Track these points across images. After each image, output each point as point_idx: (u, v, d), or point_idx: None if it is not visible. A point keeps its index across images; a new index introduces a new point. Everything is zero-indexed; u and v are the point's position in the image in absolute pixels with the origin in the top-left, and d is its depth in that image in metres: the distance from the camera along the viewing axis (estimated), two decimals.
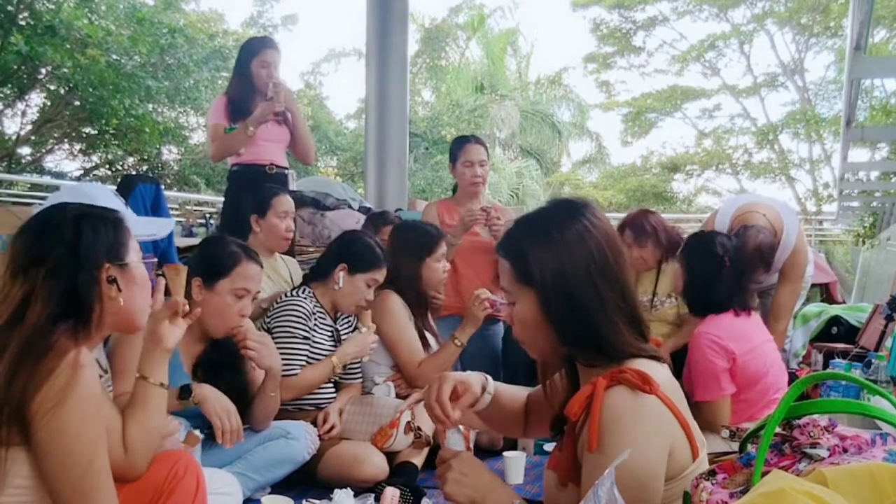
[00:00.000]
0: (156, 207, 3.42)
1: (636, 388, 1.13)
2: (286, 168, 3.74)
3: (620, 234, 3.40)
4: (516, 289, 1.28)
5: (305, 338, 2.67)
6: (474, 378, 1.47)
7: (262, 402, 2.32)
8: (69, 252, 1.36)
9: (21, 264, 1.35)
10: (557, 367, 1.38)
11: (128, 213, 1.84)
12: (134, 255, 1.46)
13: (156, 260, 1.58)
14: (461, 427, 1.42)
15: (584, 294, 1.21)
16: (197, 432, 1.99)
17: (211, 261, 2.26)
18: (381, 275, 2.79)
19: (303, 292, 2.76)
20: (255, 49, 3.64)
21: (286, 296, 2.76)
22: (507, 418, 1.55)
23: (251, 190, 3.36)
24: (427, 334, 2.99)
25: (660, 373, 1.20)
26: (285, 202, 3.15)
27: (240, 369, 2.33)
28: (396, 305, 2.89)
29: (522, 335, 1.32)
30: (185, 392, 2.05)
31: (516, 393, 1.57)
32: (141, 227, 1.78)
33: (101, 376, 1.85)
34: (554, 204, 1.33)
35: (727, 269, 2.54)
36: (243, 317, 2.26)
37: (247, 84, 3.61)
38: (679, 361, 2.67)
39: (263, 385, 2.31)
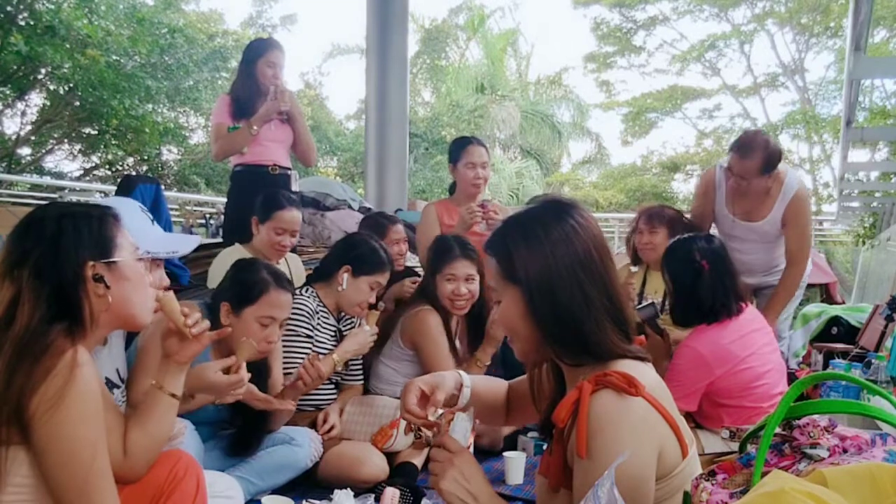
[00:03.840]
0: (156, 208, 3.41)
1: (622, 392, 1.12)
2: (289, 168, 3.74)
3: (635, 223, 3.38)
4: (502, 286, 1.29)
5: (308, 336, 2.68)
6: (448, 376, 1.48)
7: (285, 412, 2.34)
8: (50, 251, 1.35)
9: (8, 266, 1.34)
10: (544, 368, 1.38)
11: (151, 230, 1.82)
12: (125, 252, 1.43)
13: (149, 255, 1.56)
14: (471, 416, 1.41)
15: (569, 293, 1.21)
16: (185, 421, 1.98)
17: (240, 287, 2.25)
18: (384, 278, 2.79)
19: (306, 291, 2.76)
20: (261, 49, 3.64)
21: None
22: (488, 409, 1.57)
23: (256, 190, 3.34)
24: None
25: (646, 374, 1.20)
26: (287, 219, 3.02)
27: (264, 383, 2.35)
28: (434, 323, 2.82)
29: (508, 333, 1.32)
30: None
31: (495, 385, 1.58)
32: (161, 245, 1.76)
33: (118, 387, 1.84)
34: (541, 203, 1.33)
35: (707, 273, 2.48)
36: (270, 343, 2.25)
37: (252, 84, 3.62)
38: None
39: (285, 391, 2.36)
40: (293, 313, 2.63)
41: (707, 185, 3.37)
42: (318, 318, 2.74)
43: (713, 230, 3.43)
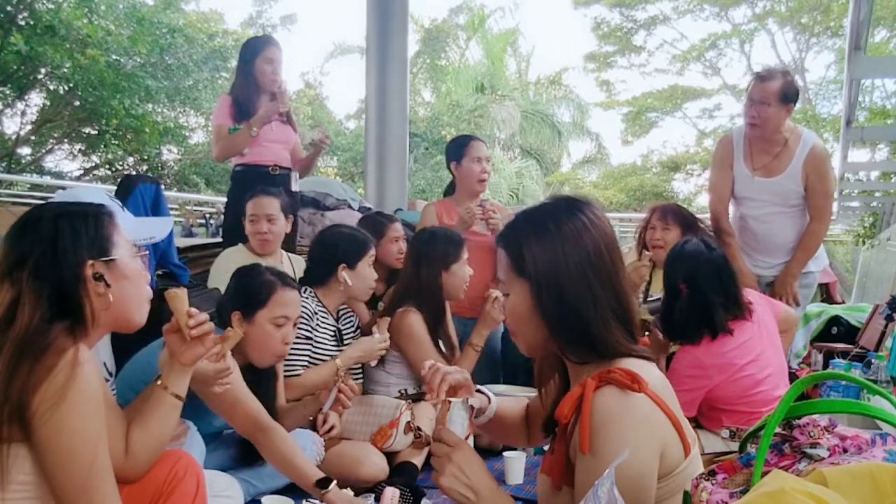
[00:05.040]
0: (156, 207, 3.41)
1: (625, 388, 1.13)
2: (289, 168, 3.74)
3: (647, 219, 3.36)
4: (511, 279, 1.29)
5: (307, 338, 2.68)
6: (482, 398, 1.52)
7: (295, 420, 2.36)
8: (49, 252, 1.35)
9: (6, 267, 1.35)
10: (551, 367, 1.38)
11: (124, 216, 1.81)
12: (123, 250, 1.44)
13: (147, 252, 1.57)
14: (469, 402, 1.41)
15: (576, 289, 1.22)
16: (188, 423, 1.99)
17: (247, 293, 2.24)
18: (373, 251, 2.87)
19: (304, 292, 2.76)
20: (258, 47, 3.64)
21: None
22: (510, 429, 1.57)
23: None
24: (443, 343, 2.96)
25: (650, 372, 1.20)
26: (258, 204, 3.09)
27: (274, 391, 2.37)
28: (417, 324, 2.83)
29: (514, 327, 1.33)
30: (323, 483, 2.00)
31: (517, 405, 1.59)
32: (138, 231, 1.76)
33: (106, 380, 1.84)
34: (555, 199, 1.33)
35: (684, 297, 2.45)
36: (287, 344, 2.25)
37: (251, 83, 3.62)
38: None
39: (305, 409, 2.37)
40: None
41: (724, 147, 3.37)
42: (318, 319, 2.74)
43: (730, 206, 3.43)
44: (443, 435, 1.31)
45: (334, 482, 1.99)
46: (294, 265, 3.28)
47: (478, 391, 1.55)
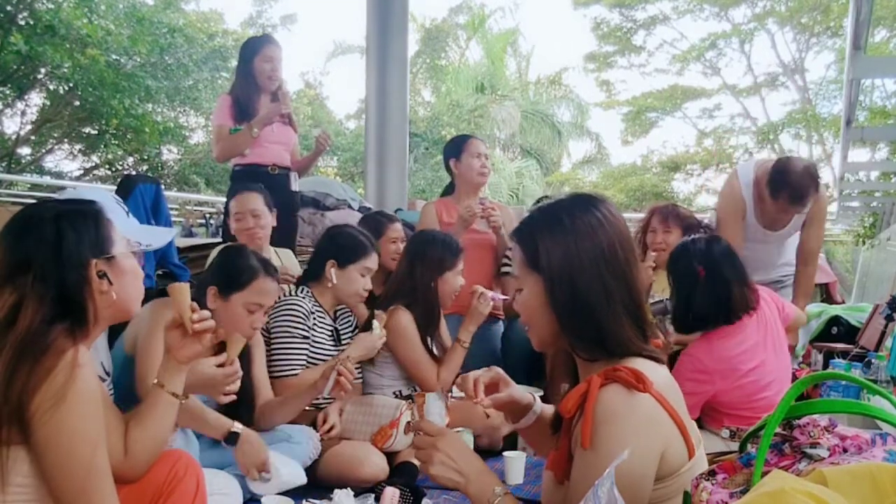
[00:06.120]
0: (156, 207, 3.41)
1: (630, 387, 1.13)
2: (289, 169, 3.75)
3: (647, 221, 3.35)
4: (525, 274, 1.30)
5: (305, 337, 2.68)
6: (527, 394, 1.52)
7: (291, 409, 2.37)
8: (53, 254, 1.35)
9: (6, 271, 1.34)
10: (564, 365, 1.39)
11: (128, 222, 1.82)
12: (120, 247, 1.45)
13: (142, 249, 1.60)
14: (442, 395, 1.42)
15: (590, 285, 1.22)
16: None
17: (229, 272, 2.27)
18: (372, 262, 2.81)
19: (301, 292, 2.76)
20: (256, 47, 3.65)
21: (284, 296, 2.76)
22: (548, 434, 1.57)
23: None
24: (435, 345, 2.96)
25: (657, 372, 1.20)
26: (241, 201, 3.10)
27: (248, 376, 2.35)
28: (407, 323, 2.82)
29: (526, 321, 1.33)
30: (231, 439, 2.03)
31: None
32: (139, 237, 1.77)
33: (103, 380, 1.84)
34: (570, 196, 1.34)
35: (702, 280, 2.44)
36: (255, 329, 2.28)
37: (251, 83, 3.63)
38: None
39: (301, 399, 2.37)
40: (289, 316, 2.64)
41: (735, 202, 3.31)
42: (314, 319, 2.74)
43: None
44: (423, 426, 1.33)
45: (241, 429, 2.00)
46: (281, 257, 3.28)
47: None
